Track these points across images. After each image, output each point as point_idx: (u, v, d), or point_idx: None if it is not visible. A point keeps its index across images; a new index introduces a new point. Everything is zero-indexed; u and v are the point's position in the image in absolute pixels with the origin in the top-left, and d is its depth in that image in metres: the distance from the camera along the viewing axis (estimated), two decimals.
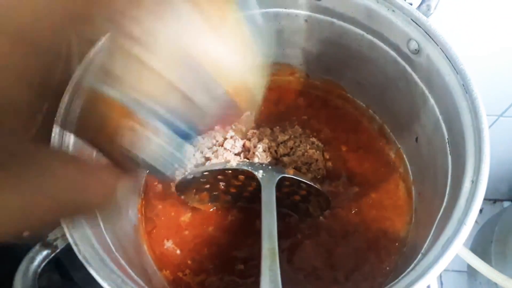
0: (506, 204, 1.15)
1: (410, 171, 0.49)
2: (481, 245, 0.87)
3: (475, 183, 0.32)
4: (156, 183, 0.53)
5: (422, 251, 0.34)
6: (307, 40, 0.50)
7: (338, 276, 0.45)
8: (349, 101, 0.54)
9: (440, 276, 1.11)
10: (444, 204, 0.35)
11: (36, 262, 0.32)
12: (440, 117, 0.39)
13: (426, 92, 0.41)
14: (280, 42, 0.51)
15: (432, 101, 0.40)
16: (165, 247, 0.49)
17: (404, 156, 0.50)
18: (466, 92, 0.35)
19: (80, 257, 0.32)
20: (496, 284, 0.53)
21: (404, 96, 0.45)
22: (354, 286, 0.45)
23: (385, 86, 0.47)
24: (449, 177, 0.37)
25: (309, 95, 0.56)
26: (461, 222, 0.30)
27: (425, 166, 0.45)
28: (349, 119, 0.54)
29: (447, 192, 0.36)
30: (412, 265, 0.33)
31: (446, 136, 0.38)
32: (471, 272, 0.91)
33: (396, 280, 0.30)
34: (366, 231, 0.47)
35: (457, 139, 0.36)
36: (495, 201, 1.16)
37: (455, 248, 0.29)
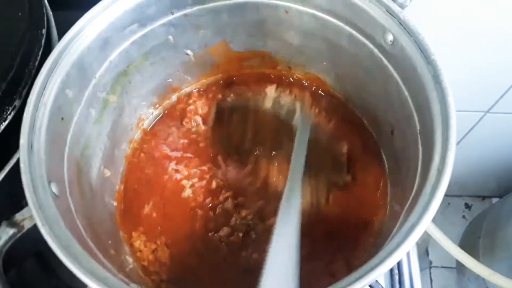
0: (494, 200, 1.15)
1: (386, 165, 0.49)
2: (470, 241, 0.88)
3: (440, 171, 0.32)
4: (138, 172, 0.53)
5: (389, 239, 0.34)
6: (288, 31, 0.50)
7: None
8: (330, 95, 0.54)
9: (430, 272, 1.11)
10: (413, 193, 0.36)
11: (1, 242, 0.32)
12: (413, 109, 0.40)
13: (401, 83, 0.41)
14: (262, 33, 0.51)
15: (406, 92, 0.40)
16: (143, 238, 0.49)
17: (381, 150, 0.50)
18: (437, 83, 0.35)
19: (47, 238, 0.32)
20: (484, 279, 0.53)
21: (381, 89, 0.45)
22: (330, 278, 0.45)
23: (363, 79, 0.48)
24: (419, 168, 0.37)
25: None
26: (424, 209, 0.31)
27: (399, 159, 0.45)
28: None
29: (416, 182, 0.36)
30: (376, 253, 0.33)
31: (418, 128, 0.39)
32: (460, 268, 0.92)
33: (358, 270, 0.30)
34: (342, 227, 0.47)
35: (427, 129, 0.36)
36: (483, 197, 1.17)
37: (417, 234, 0.30)
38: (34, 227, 0.34)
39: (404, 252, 0.29)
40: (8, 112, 0.40)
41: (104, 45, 0.44)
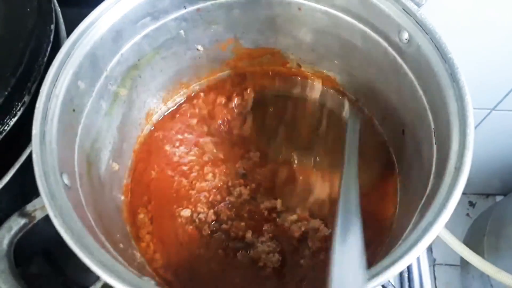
0: (498, 198, 1.15)
1: (396, 163, 0.49)
2: (474, 238, 0.88)
3: (458, 169, 0.32)
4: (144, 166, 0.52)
5: (403, 237, 0.34)
6: (299, 29, 0.50)
7: None
8: (339, 93, 0.54)
9: (434, 270, 1.11)
10: (427, 192, 0.35)
11: (12, 232, 0.32)
12: (427, 107, 0.39)
13: (415, 82, 0.41)
14: (273, 30, 0.51)
15: (420, 91, 0.40)
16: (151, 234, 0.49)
17: (390, 149, 0.50)
18: (453, 81, 0.35)
19: (60, 229, 0.32)
20: (488, 276, 0.53)
21: (393, 87, 0.45)
22: None
23: (375, 78, 0.48)
24: (434, 166, 0.37)
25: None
26: (442, 207, 0.30)
27: (410, 158, 0.45)
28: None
29: (430, 180, 0.36)
30: (391, 251, 0.33)
31: (433, 126, 0.38)
32: (464, 265, 0.92)
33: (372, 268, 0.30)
34: None
35: (443, 128, 0.36)
36: (487, 195, 1.16)
37: (434, 232, 0.29)
38: (46, 219, 0.33)
39: (421, 249, 0.29)
40: (18, 108, 0.40)
41: (116, 37, 0.43)
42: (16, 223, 0.32)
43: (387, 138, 0.50)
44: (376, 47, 0.44)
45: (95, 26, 0.41)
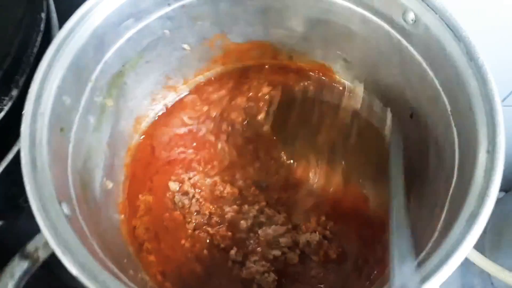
0: (500, 194, 1.16)
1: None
2: None
3: (491, 153, 0.30)
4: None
5: (436, 233, 0.32)
6: (291, 18, 0.47)
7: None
8: (335, 82, 0.52)
9: None
10: (455, 177, 0.34)
11: (16, 277, 0.28)
12: (440, 89, 0.38)
13: (424, 65, 0.39)
14: (263, 22, 0.48)
15: (431, 74, 0.39)
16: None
17: None
18: (471, 60, 0.34)
19: (71, 269, 0.28)
20: (489, 274, 0.52)
21: (397, 71, 0.43)
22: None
23: (376, 62, 0.46)
24: (456, 150, 0.35)
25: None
26: (483, 194, 0.29)
27: (422, 142, 0.43)
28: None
29: (456, 165, 0.35)
30: (428, 249, 0.31)
31: (449, 109, 0.37)
32: (464, 262, 0.92)
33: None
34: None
35: (463, 109, 0.34)
36: None
37: (482, 222, 0.28)
38: (51, 257, 0.30)
39: (472, 241, 0.27)
40: (4, 103, 0.36)
41: (99, 44, 0.39)
42: (18, 268, 0.28)
43: (393, 123, 0.48)
44: (377, 31, 0.42)
45: (76, 33, 0.37)
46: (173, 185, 0.49)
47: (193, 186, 0.49)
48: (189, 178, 0.49)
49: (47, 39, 0.36)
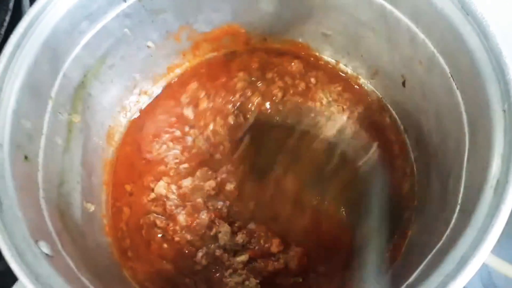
0: None
1: (397, 119, 0.45)
2: None
3: (507, 111, 0.28)
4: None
5: (458, 206, 0.30)
6: None
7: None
8: (316, 58, 0.49)
9: None
10: (467, 138, 0.31)
11: None
12: (435, 51, 0.35)
13: (413, 27, 0.36)
14: (231, 6, 0.44)
15: (421, 36, 0.36)
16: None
17: (389, 106, 0.46)
18: (468, 14, 0.31)
19: None
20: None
21: (384, 39, 0.40)
22: None
23: (357, 32, 0.42)
24: (463, 113, 0.33)
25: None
26: (508, 159, 0.26)
27: (420, 110, 0.41)
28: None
29: (466, 128, 0.32)
30: (452, 225, 0.29)
31: (448, 71, 0.34)
32: None
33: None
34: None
35: (465, 69, 0.32)
36: None
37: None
38: None
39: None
40: None
41: (53, 56, 0.35)
42: None
43: (383, 95, 0.46)
44: None
45: (23, 47, 0.32)
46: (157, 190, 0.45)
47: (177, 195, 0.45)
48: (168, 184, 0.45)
49: (17, 18, 0.33)
